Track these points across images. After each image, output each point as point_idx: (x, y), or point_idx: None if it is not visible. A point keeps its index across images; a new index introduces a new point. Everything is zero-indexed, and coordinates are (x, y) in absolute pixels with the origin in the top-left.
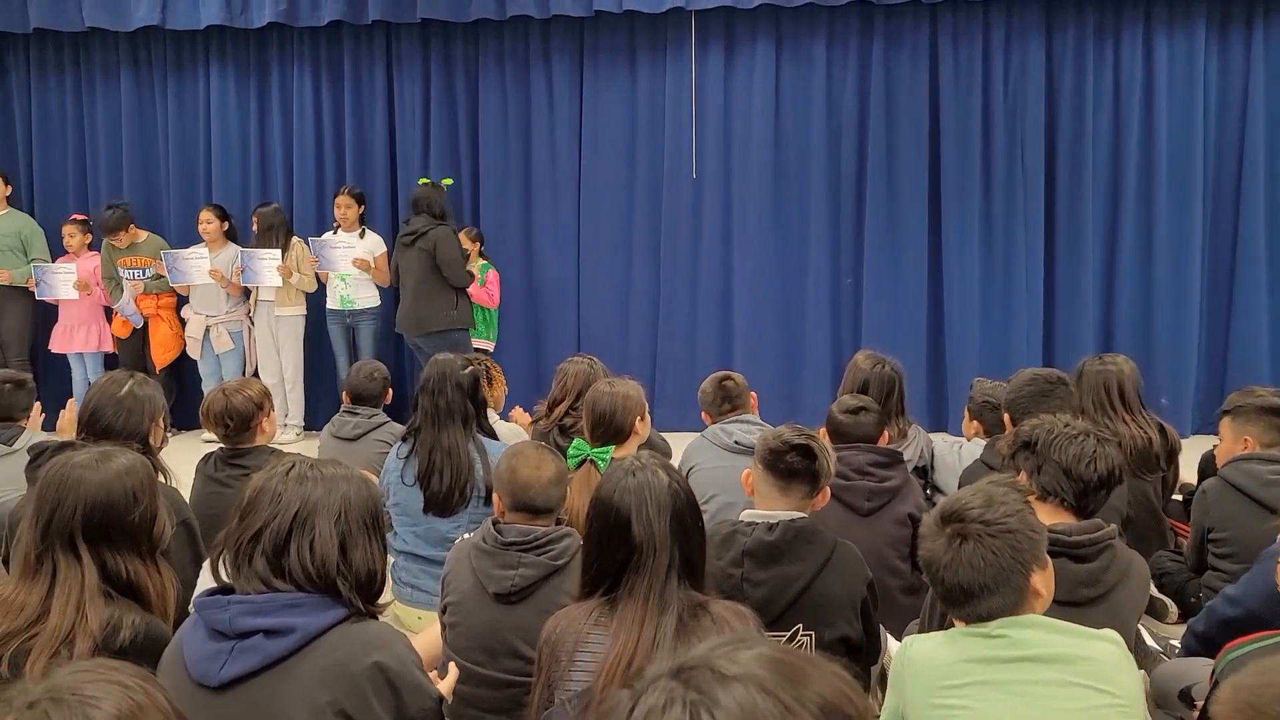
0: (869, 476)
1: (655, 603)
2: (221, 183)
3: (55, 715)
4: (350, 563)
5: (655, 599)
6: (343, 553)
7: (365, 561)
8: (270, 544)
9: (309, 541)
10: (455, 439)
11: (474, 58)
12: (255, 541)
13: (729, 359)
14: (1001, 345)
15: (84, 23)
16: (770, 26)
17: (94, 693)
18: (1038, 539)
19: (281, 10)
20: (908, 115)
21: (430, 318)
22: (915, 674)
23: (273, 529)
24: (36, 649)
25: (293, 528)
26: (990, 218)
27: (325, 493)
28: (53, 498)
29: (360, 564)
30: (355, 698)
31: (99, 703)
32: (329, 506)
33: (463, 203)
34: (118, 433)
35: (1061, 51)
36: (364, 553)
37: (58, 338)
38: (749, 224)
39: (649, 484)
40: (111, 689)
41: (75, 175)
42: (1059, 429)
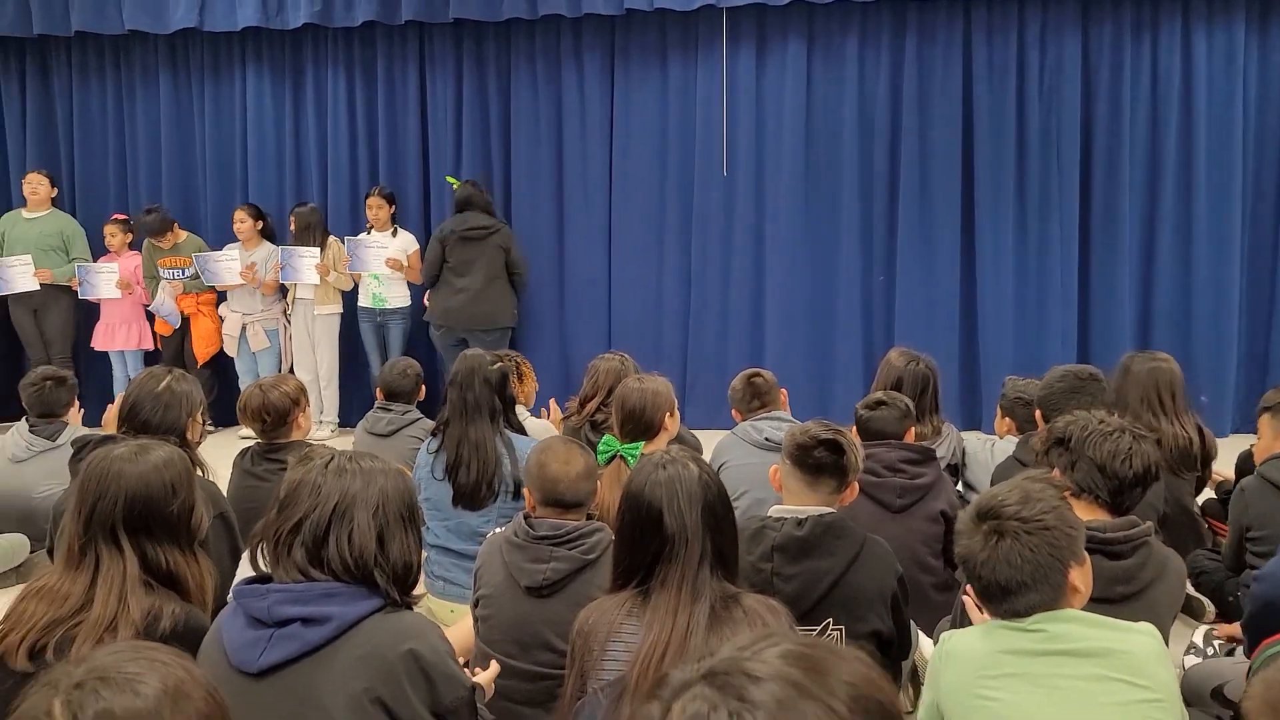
0: (900, 473)
1: (688, 593)
2: (257, 182)
3: (105, 693)
4: (388, 554)
5: (688, 589)
6: (380, 544)
7: (402, 553)
8: (310, 535)
9: (347, 533)
10: (482, 433)
11: (506, 57)
12: (295, 533)
13: (760, 357)
14: (1036, 343)
15: (124, 25)
16: (802, 23)
17: (137, 670)
18: (1075, 535)
19: (316, 11)
20: (941, 112)
21: (501, 313)
22: (952, 666)
23: (312, 520)
24: (81, 636)
25: (332, 519)
26: (1024, 214)
27: (363, 485)
28: (94, 490)
29: (397, 555)
30: (390, 685)
31: (144, 679)
32: (367, 499)
33: (494, 200)
34: (155, 427)
35: (1098, 46)
36: (401, 544)
37: (100, 335)
38: (780, 222)
39: (680, 476)
40: (154, 665)
41: (115, 176)
42: (1094, 425)
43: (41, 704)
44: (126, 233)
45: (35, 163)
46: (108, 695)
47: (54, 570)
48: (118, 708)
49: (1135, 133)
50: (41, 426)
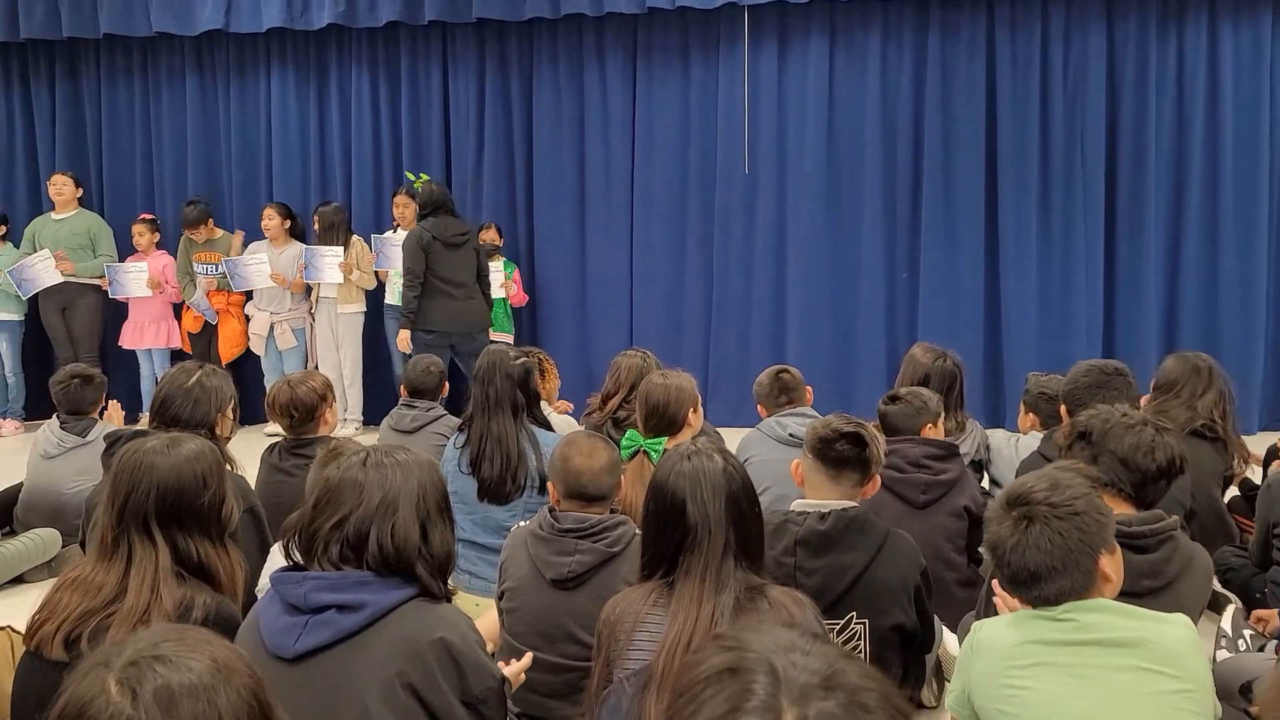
0: (924, 469)
1: (712, 583)
2: (282, 182)
3: (160, 669)
4: (430, 546)
5: (712, 579)
6: (424, 536)
7: (443, 544)
8: (353, 531)
9: (390, 527)
10: (505, 428)
11: (528, 56)
12: (338, 529)
13: (782, 355)
14: (1060, 340)
15: (151, 28)
16: (824, 21)
17: (185, 649)
18: (1105, 522)
19: (340, 11)
20: (964, 108)
21: (486, 315)
22: (982, 655)
23: (357, 517)
24: (114, 626)
25: (376, 515)
26: (1049, 211)
27: (404, 479)
28: (127, 482)
29: (439, 546)
30: (421, 672)
31: (193, 656)
32: (409, 493)
33: (516, 200)
34: (185, 422)
35: (1123, 41)
36: (441, 535)
37: (128, 334)
38: (802, 219)
39: (704, 468)
40: (199, 644)
41: (143, 176)
42: (1115, 418)
43: (96, 684)
44: (154, 232)
45: (64, 164)
46: (162, 671)
47: (87, 561)
48: (174, 683)
49: (1161, 128)
50: (71, 423)
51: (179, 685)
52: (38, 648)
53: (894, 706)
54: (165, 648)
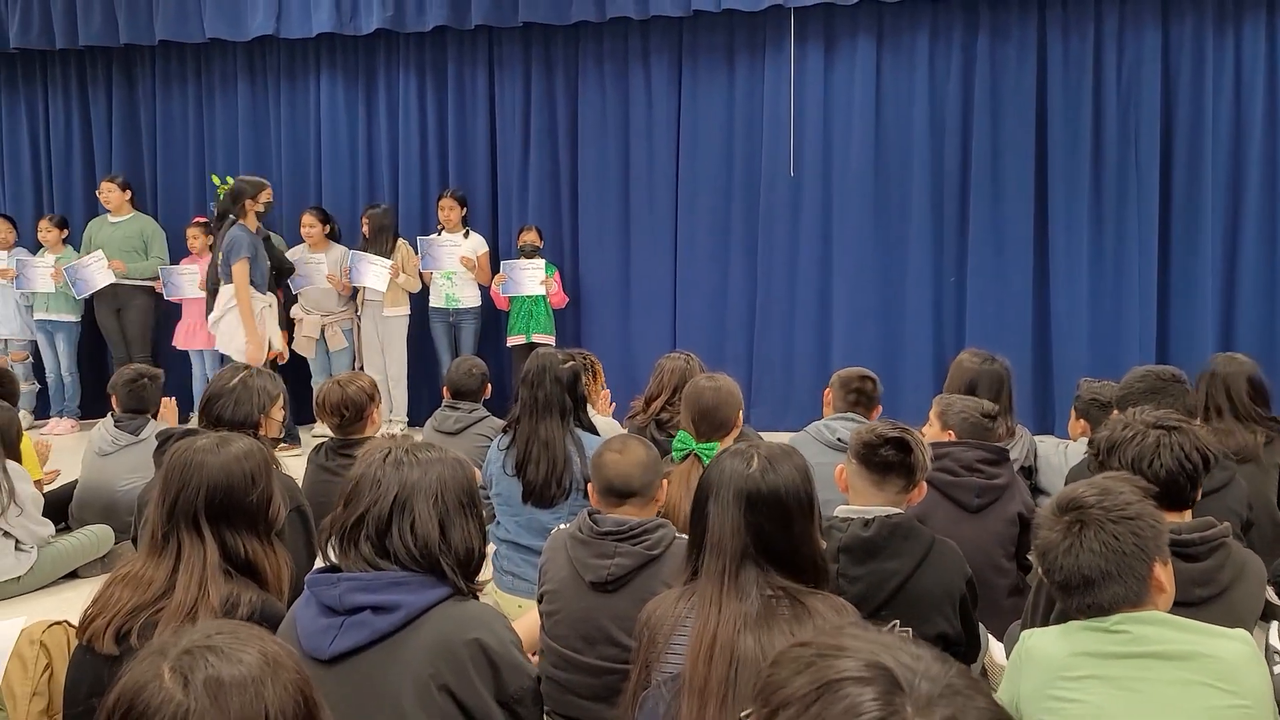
0: (978, 473)
1: (731, 587)
2: (330, 185)
3: (212, 659)
4: (450, 542)
5: (730, 583)
6: (442, 532)
7: (464, 540)
8: (373, 527)
9: (409, 523)
10: (552, 431)
11: (573, 60)
12: (359, 526)
13: (827, 360)
14: (1112, 346)
15: (205, 34)
16: (871, 22)
17: (237, 642)
18: (1160, 528)
19: (388, 16)
20: (1014, 110)
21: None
22: (1032, 667)
23: (374, 513)
24: (163, 622)
25: (393, 510)
26: (1100, 214)
27: (421, 475)
28: (177, 480)
29: (459, 543)
30: (457, 673)
31: (245, 649)
32: (426, 488)
33: (561, 203)
34: (229, 421)
35: (1179, 40)
36: (462, 532)
37: (181, 334)
38: (848, 223)
39: (733, 470)
40: (251, 638)
41: (196, 179)
42: (1118, 432)
43: (151, 670)
44: (208, 235)
45: (120, 168)
46: (214, 662)
47: (138, 557)
48: (224, 674)
49: (1218, 128)
50: (126, 422)
51: (229, 676)
52: (89, 641)
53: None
54: (218, 639)
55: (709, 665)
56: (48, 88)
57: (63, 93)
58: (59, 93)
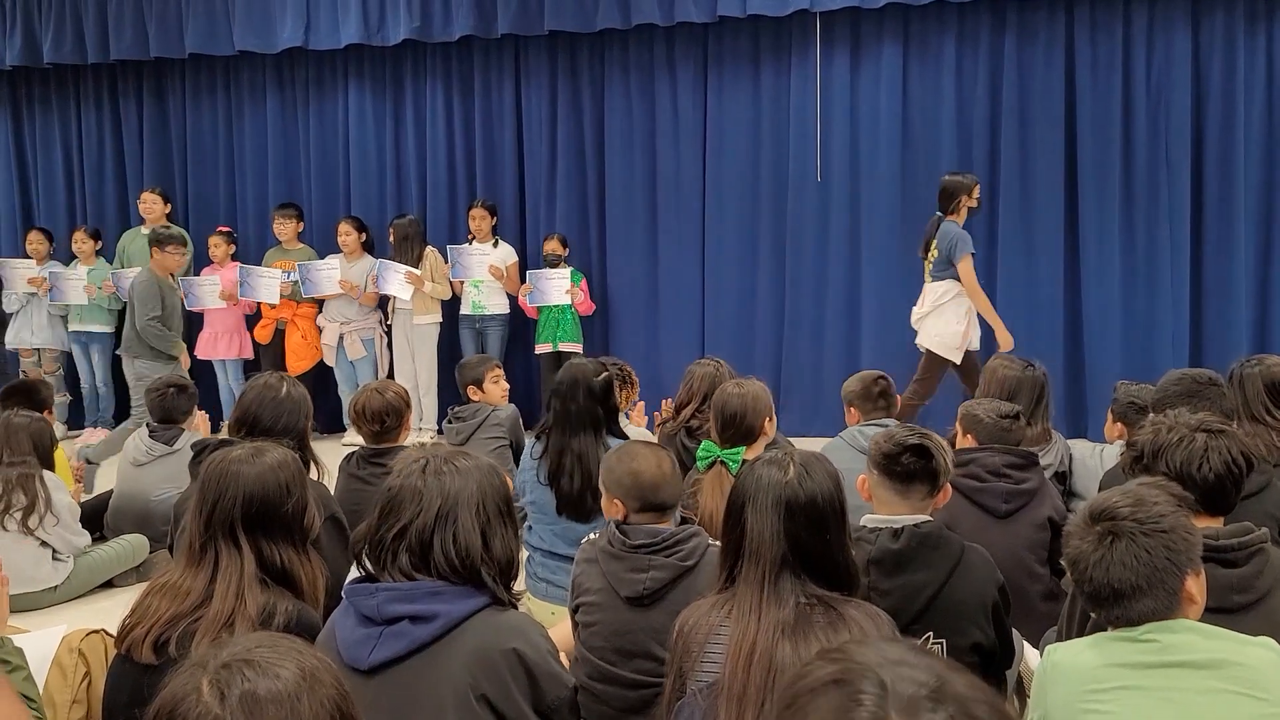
0: (1005, 478)
1: (770, 595)
2: (359, 195)
3: (249, 674)
4: (491, 551)
5: (770, 591)
6: (484, 542)
7: (504, 549)
8: (415, 539)
9: (452, 534)
10: (585, 445)
11: (599, 68)
12: (400, 538)
13: (856, 364)
14: (1144, 348)
15: (234, 47)
16: (898, 26)
17: (276, 656)
18: (1194, 541)
19: (416, 27)
20: (1042, 113)
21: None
22: (1059, 679)
23: (417, 525)
24: (201, 631)
25: (436, 522)
26: (1131, 216)
27: (463, 485)
28: (215, 490)
29: (500, 551)
30: (495, 683)
31: (283, 664)
32: (468, 498)
33: (588, 210)
34: (278, 432)
35: (1209, 41)
36: (502, 540)
37: (203, 345)
38: (876, 227)
39: (769, 476)
40: (289, 653)
41: (225, 191)
42: (1163, 435)
43: (191, 682)
44: (230, 244)
45: (151, 180)
46: (251, 676)
47: (176, 567)
48: (260, 689)
49: (1250, 128)
50: (160, 432)
51: (265, 691)
52: (128, 651)
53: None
54: (258, 653)
55: (748, 673)
56: (80, 102)
57: (95, 106)
58: (91, 106)
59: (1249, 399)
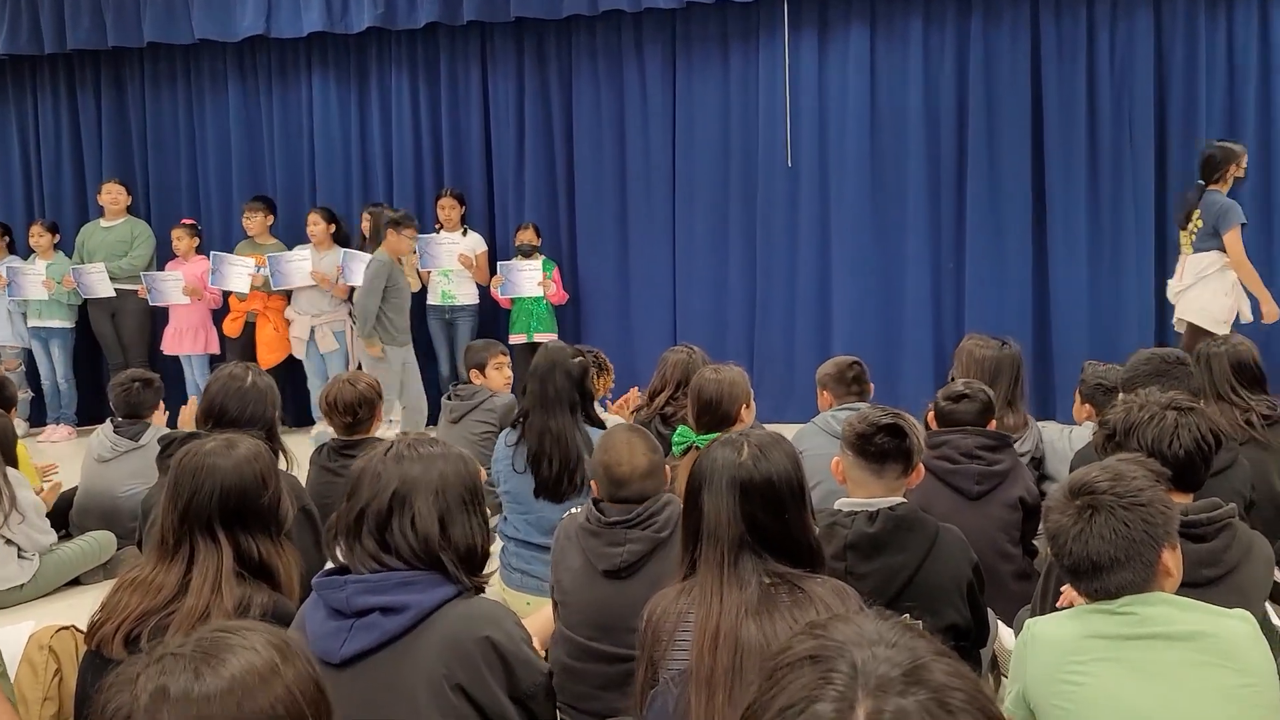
0: (978, 460)
1: (731, 575)
2: (325, 185)
3: (172, 667)
4: (450, 538)
5: (729, 572)
6: (442, 529)
7: (465, 536)
8: (374, 523)
9: (409, 519)
10: (564, 425)
11: (567, 54)
12: (360, 522)
13: (828, 349)
14: (1111, 330)
15: (194, 35)
16: (864, 8)
17: (219, 652)
18: (1170, 515)
19: (380, 14)
20: (1009, 93)
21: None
22: (1039, 651)
23: (374, 508)
24: (174, 626)
25: (392, 506)
26: (1098, 196)
27: (422, 470)
28: (190, 484)
29: (460, 539)
30: (469, 671)
31: (220, 663)
32: (427, 484)
33: (558, 198)
34: (245, 423)
35: (1171, 21)
36: (463, 528)
37: (169, 340)
38: (846, 211)
39: (724, 459)
40: (239, 650)
41: (188, 182)
42: (1134, 413)
43: (131, 671)
44: (193, 237)
45: (111, 172)
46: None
47: (146, 562)
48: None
49: (1212, 109)
50: (125, 427)
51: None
52: (98, 647)
53: (981, 707)
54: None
55: (714, 656)
56: (36, 94)
57: (51, 98)
58: (48, 98)
59: (1215, 378)
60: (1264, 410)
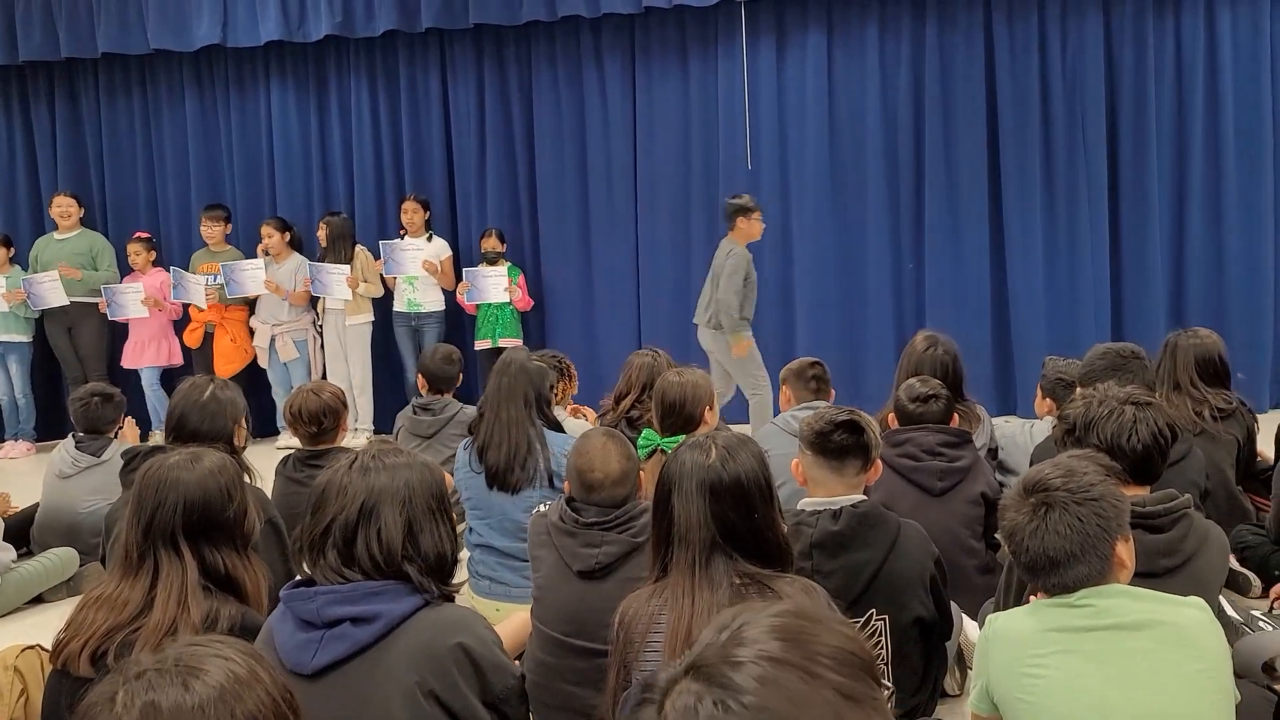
0: (940, 456)
1: (702, 577)
2: (285, 194)
3: (158, 682)
4: (419, 547)
5: (701, 573)
6: (411, 538)
7: (434, 544)
8: (340, 536)
9: (375, 530)
10: (514, 415)
11: (526, 60)
12: (326, 535)
13: (791, 349)
14: (1069, 325)
15: (149, 45)
16: (821, 14)
17: (199, 664)
18: (1122, 508)
19: (338, 22)
20: (964, 96)
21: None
22: (1001, 646)
23: (340, 521)
24: (140, 642)
25: (359, 518)
26: (1053, 195)
27: (389, 481)
28: (153, 498)
29: (429, 548)
30: (442, 678)
31: (202, 674)
32: (393, 494)
33: (520, 203)
34: (204, 436)
35: (1120, 24)
36: (431, 536)
37: (129, 354)
38: (806, 213)
39: (693, 461)
40: (216, 661)
41: (145, 193)
42: (1094, 408)
43: (107, 690)
44: (150, 250)
45: (66, 184)
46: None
47: (111, 578)
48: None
49: (1161, 109)
50: (87, 443)
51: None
52: (64, 665)
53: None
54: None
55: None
56: None
57: (4, 110)
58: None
59: (1178, 368)
60: (1219, 404)
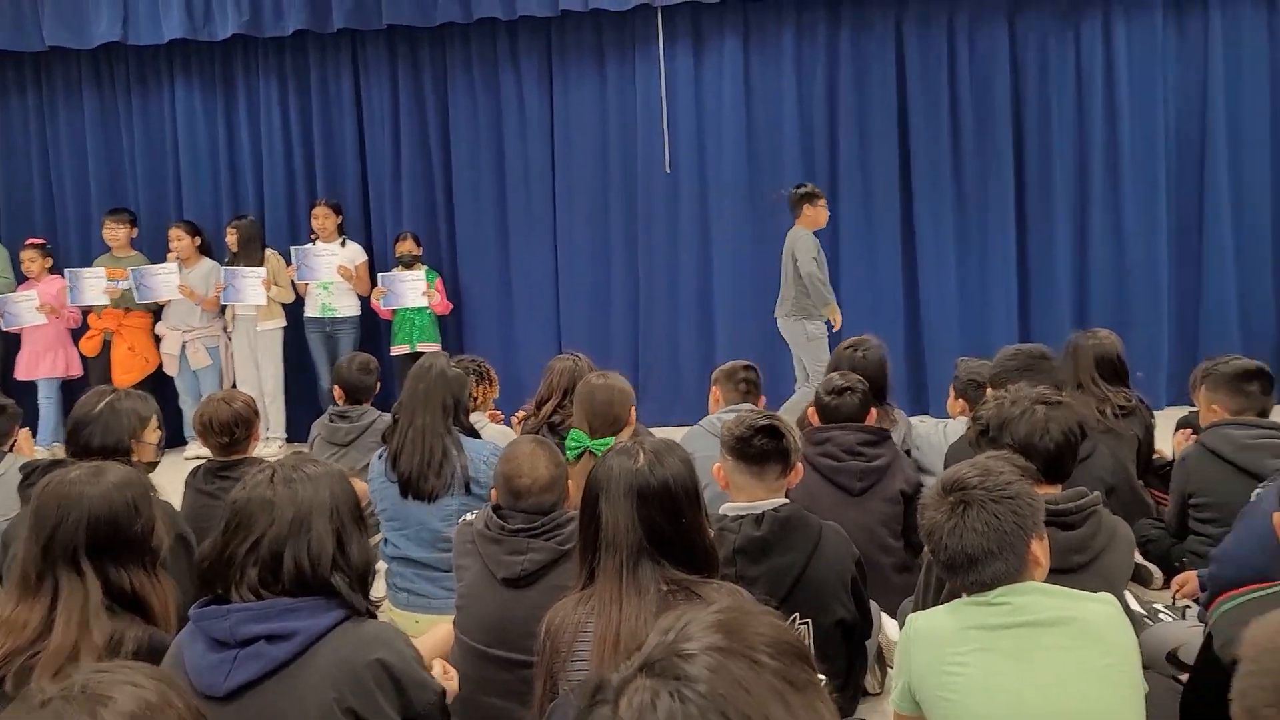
0: (859, 456)
1: (630, 584)
2: (192, 197)
3: (65, 711)
4: (348, 557)
5: (629, 580)
6: (341, 549)
7: (360, 554)
8: (268, 551)
9: (306, 543)
10: (427, 421)
11: (441, 63)
12: (253, 551)
13: (711, 353)
14: (979, 327)
15: (44, 43)
16: (738, 19)
17: (107, 691)
18: (1037, 506)
19: (245, 21)
20: (878, 104)
21: None
22: (921, 645)
23: (270, 536)
24: (40, 667)
25: (290, 532)
26: (963, 201)
27: (314, 492)
28: (54, 515)
29: (358, 557)
30: (361, 696)
31: (111, 701)
32: (321, 505)
33: (436, 206)
34: (99, 449)
35: (1024, 35)
36: (359, 545)
37: (23, 364)
38: (725, 217)
39: (622, 467)
40: (125, 688)
41: (41, 196)
42: (1006, 408)
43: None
44: (45, 257)
45: None
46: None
47: (7, 599)
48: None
49: (1064, 118)
50: None
51: None
52: None
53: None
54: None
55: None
56: None
57: None
58: None
59: (1079, 368)
60: (1120, 402)
